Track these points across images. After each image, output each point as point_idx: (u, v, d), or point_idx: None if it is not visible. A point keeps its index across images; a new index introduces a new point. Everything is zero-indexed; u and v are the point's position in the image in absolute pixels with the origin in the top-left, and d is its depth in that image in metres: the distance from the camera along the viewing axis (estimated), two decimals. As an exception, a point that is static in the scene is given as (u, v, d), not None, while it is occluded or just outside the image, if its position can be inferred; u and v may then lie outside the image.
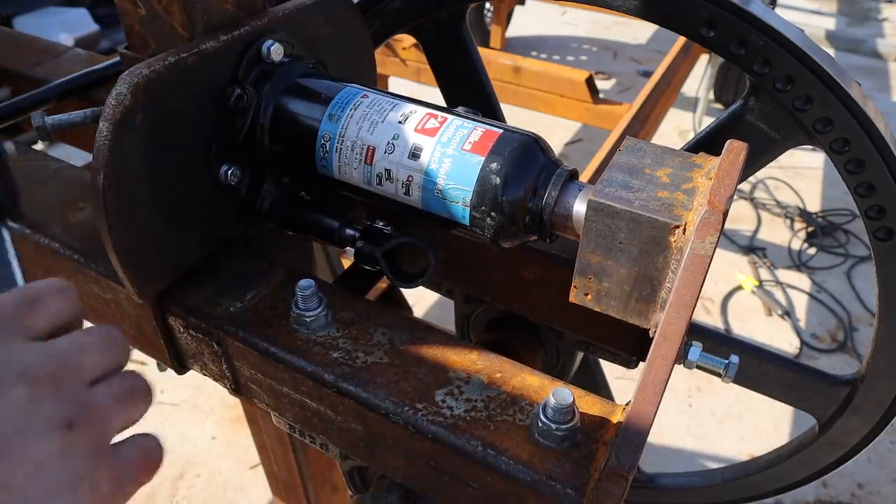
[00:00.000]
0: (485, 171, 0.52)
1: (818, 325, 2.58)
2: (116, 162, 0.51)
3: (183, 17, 0.57)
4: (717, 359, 0.55)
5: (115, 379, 0.40)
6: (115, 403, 0.39)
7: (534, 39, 5.02)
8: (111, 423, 0.39)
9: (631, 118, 2.10)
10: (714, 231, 0.44)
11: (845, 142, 0.64)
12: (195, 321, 0.61)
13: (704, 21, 0.65)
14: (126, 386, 0.41)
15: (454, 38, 0.84)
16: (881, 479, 2.05)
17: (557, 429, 0.51)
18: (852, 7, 5.94)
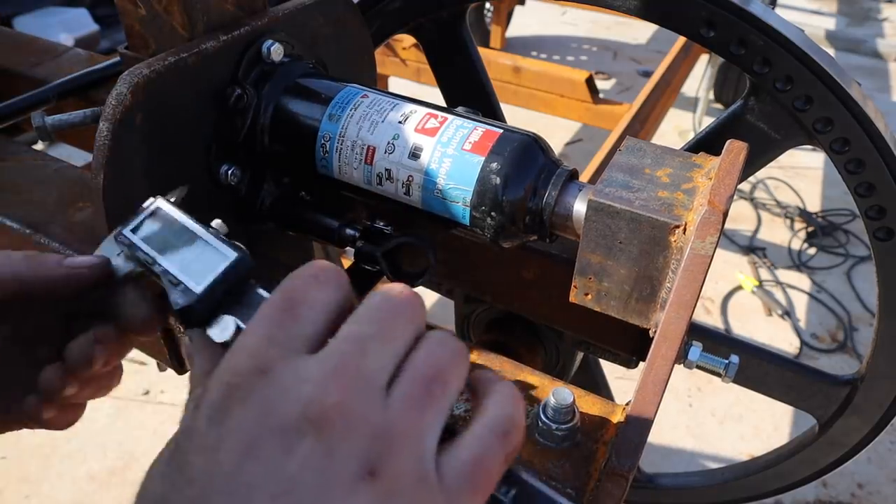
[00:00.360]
0: (485, 170, 0.52)
1: (818, 325, 2.58)
2: (116, 162, 0.51)
3: (183, 17, 0.57)
4: (717, 359, 0.55)
5: (415, 357, 0.32)
6: (421, 405, 0.31)
7: (534, 39, 5.02)
8: (422, 436, 0.30)
9: (631, 118, 2.10)
10: (714, 231, 0.44)
11: (845, 142, 0.64)
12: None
13: (704, 21, 0.65)
14: (427, 359, 0.32)
15: (454, 38, 0.84)
16: (881, 479, 2.05)
17: (557, 429, 0.51)
18: (852, 7, 5.94)
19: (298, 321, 0.33)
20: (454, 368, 0.33)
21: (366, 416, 0.30)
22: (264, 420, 0.29)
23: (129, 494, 0.30)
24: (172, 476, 0.29)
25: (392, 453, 0.29)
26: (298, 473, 0.28)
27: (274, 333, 0.32)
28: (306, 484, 0.28)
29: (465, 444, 0.32)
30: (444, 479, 0.30)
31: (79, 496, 1.89)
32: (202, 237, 0.44)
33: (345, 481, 0.28)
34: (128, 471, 1.94)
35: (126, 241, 0.46)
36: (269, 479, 0.28)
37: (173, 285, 0.42)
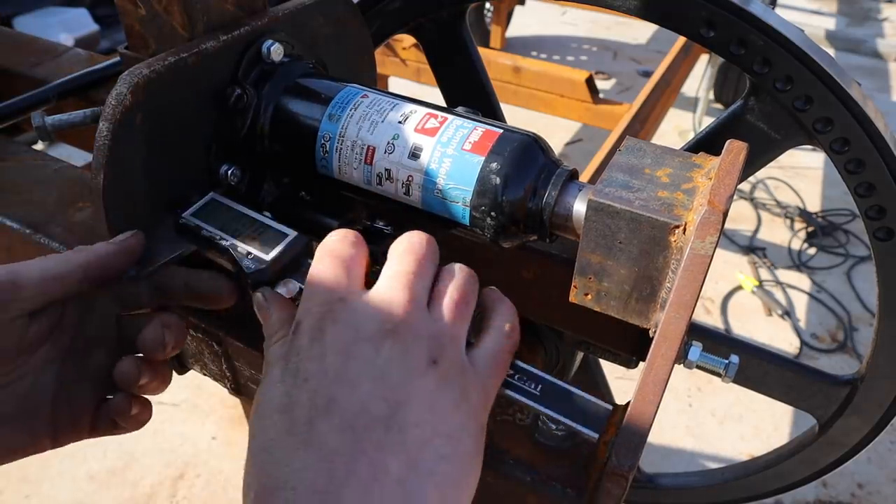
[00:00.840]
0: (485, 170, 0.52)
1: (818, 325, 2.58)
2: (116, 162, 0.51)
3: (183, 17, 0.57)
4: (717, 359, 0.55)
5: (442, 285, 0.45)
6: (454, 316, 0.44)
7: (534, 39, 5.02)
8: (459, 337, 0.44)
9: (631, 118, 2.10)
10: (714, 231, 0.44)
11: (845, 142, 0.64)
12: (195, 321, 0.61)
13: (704, 21, 0.65)
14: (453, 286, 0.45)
15: (454, 38, 0.84)
16: (881, 479, 2.05)
17: (557, 429, 0.51)
18: (852, 7, 5.94)
19: (351, 268, 0.45)
20: (471, 292, 0.46)
21: (422, 325, 0.42)
22: (355, 333, 0.41)
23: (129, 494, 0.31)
24: (289, 380, 0.40)
25: (444, 350, 0.42)
26: (387, 365, 0.40)
27: (336, 275, 0.43)
28: (394, 371, 0.40)
29: (486, 343, 0.45)
30: (475, 366, 0.44)
31: (79, 496, 1.89)
32: (261, 220, 0.55)
33: (419, 369, 0.40)
34: (128, 471, 1.94)
35: (191, 224, 0.55)
36: (367, 370, 0.39)
37: (243, 255, 0.52)
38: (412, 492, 0.37)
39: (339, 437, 0.37)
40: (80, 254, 0.50)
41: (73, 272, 0.49)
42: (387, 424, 0.38)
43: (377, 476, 0.37)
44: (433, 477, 0.38)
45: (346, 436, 0.37)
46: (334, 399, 0.39)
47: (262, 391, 0.41)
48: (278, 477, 0.37)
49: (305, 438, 0.38)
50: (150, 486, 1.91)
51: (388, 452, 0.37)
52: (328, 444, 0.37)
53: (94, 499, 1.88)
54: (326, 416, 0.38)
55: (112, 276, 0.51)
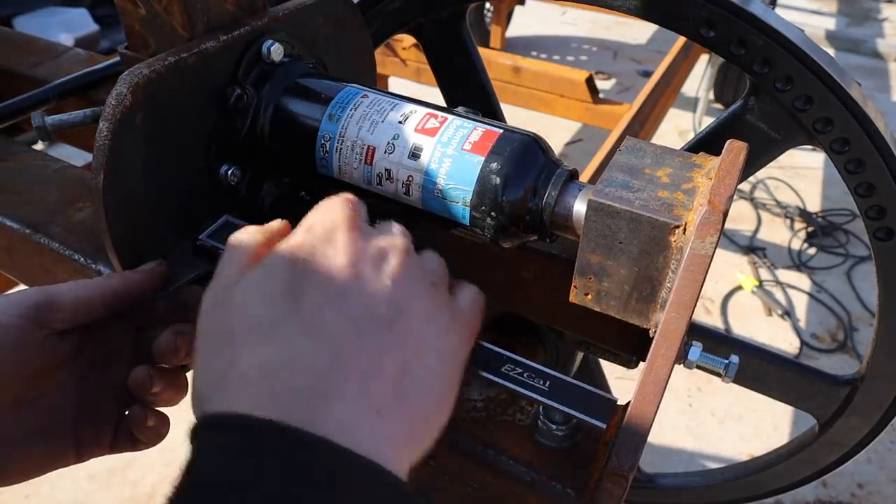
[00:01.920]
0: (485, 170, 0.52)
1: (818, 325, 2.58)
2: (116, 162, 0.51)
3: (183, 17, 0.57)
4: (717, 359, 0.55)
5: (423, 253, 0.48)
6: (439, 267, 0.47)
7: (534, 39, 5.02)
8: (446, 283, 0.47)
9: (631, 118, 2.10)
10: (714, 231, 0.44)
11: (845, 142, 0.64)
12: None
13: (704, 21, 0.65)
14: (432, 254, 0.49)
15: (454, 38, 0.84)
16: (881, 479, 2.05)
17: (557, 429, 0.51)
18: (852, 7, 5.94)
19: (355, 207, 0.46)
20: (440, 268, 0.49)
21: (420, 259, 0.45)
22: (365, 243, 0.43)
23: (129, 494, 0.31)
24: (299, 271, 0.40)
25: (439, 281, 0.46)
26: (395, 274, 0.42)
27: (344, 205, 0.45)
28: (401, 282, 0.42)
29: (463, 293, 0.48)
30: (458, 305, 0.47)
31: (79, 496, 1.89)
32: None
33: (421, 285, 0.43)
34: (128, 471, 1.94)
35: (207, 245, 0.57)
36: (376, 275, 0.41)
37: None
38: (401, 393, 0.38)
39: (345, 328, 0.38)
40: (110, 280, 0.52)
41: (103, 297, 0.51)
42: (390, 327, 0.40)
43: (376, 372, 0.38)
44: (423, 386, 0.40)
45: (352, 328, 0.38)
46: (343, 293, 0.39)
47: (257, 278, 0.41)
48: (280, 357, 0.37)
49: (311, 325, 0.38)
50: (150, 485, 1.91)
51: (387, 353, 0.39)
52: (333, 333, 0.38)
53: (95, 499, 1.88)
54: (336, 305, 0.39)
55: (137, 302, 0.53)
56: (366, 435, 0.35)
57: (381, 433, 0.36)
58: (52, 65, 1.08)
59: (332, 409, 0.35)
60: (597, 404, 0.48)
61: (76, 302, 0.50)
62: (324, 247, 0.42)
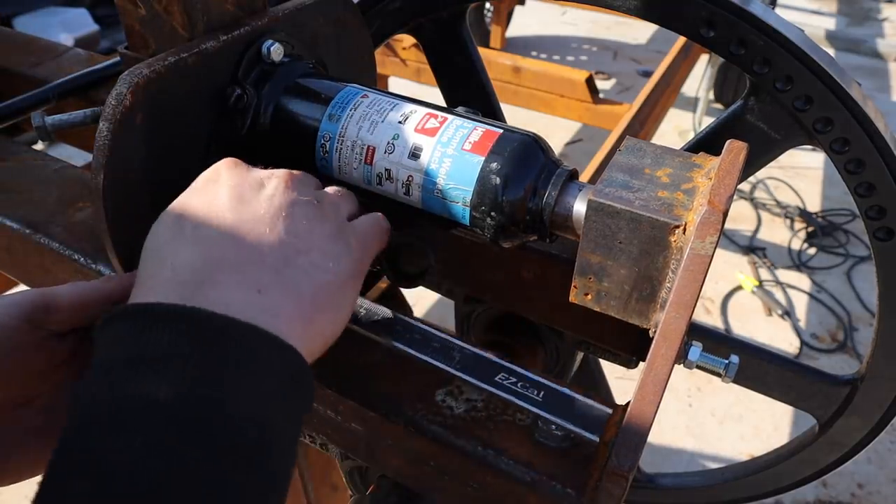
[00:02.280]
0: (485, 170, 0.52)
1: (818, 325, 2.58)
2: (116, 162, 0.51)
3: (183, 17, 0.57)
4: (717, 359, 0.55)
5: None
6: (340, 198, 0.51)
7: (534, 39, 5.02)
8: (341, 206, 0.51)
9: (631, 118, 2.10)
10: (714, 231, 0.44)
11: (845, 142, 0.64)
12: None
13: (704, 21, 0.65)
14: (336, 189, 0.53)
15: (454, 38, 0.84)
16: (881, 479, 2.05)
17: (557, 428, 0.51)
18: (852, 7, 5.94)
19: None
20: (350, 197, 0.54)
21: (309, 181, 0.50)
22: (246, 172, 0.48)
23: None
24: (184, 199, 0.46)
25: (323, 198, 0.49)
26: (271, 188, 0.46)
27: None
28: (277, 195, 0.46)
29: (362, 217, 0.52)
30: (352, 224, 0.50)
31: (79, 496, 1.88)
32: None
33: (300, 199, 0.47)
34: (128, 471, 1.94)
35: None
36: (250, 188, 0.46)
37: None
38: (282, 278, 0.42)
39: (222, 232, 0.43)
40: (110, 283, 0.52)
41: (102, 301, 0.51)
42: (269, 226, 0.44)
43: (253, 261, 0.42)
44: (306, 273, 0.43)
45: (227, 232, 0.43)
46: (223, 208, 0.44)
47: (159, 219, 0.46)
48: (159, 264, 0.42)
49: (192, 237, 0.43)
50: (150, 486, 1.91)
51: (265, 248, 0.43)
52: (208, 236, 0.43)
53: (94, 499, 1.88)
54: (214, 219, 0.44)
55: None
56: (246, 308, 0.40)
57: (262, 308, 0.40)
58: (52, 65, 1.08)
59: (209, 292, 0.40)
60: (590, 416, 0.48)
61: (74, 305, 0.50)
62: (206, 184, 0.47)
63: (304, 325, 0.42)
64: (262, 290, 0.41)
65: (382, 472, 0.64)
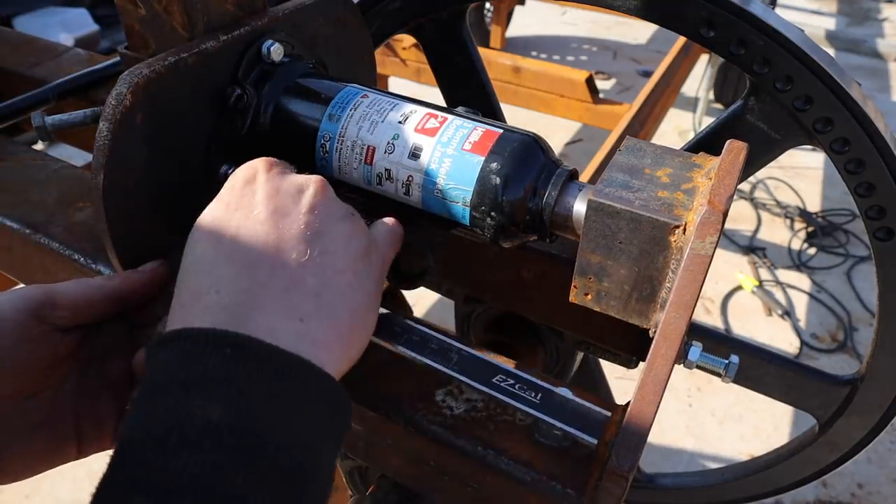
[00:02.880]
0: (485, 170, 0.52)
1: (818, 325, 2.58)
2: (116, 162, 0.51)
3: (183, 17, 0.57)
4: (717, 359, 0.55)
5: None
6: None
7: (534, 39, 5.02)
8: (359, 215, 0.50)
9: (631, 118, 2.10)
10: (714, 231, 0.44)
11: (845, 142, 0.64)
12: None
13: (704, 21, 0.65)
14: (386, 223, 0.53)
15: (454, 38, 0.84)
16: (881, 479, 2.05)
17: (557, 429, 0.51)
18: (852, 7, 5.94)
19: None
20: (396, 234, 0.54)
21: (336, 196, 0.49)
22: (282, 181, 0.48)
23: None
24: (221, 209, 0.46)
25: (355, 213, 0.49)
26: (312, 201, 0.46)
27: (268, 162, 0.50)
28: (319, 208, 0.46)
29: (379, 225, 0.52)
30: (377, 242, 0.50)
31: (79, 495, 1.89)
32: None
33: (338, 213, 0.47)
34: (128, 471, 1.94)
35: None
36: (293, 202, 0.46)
37: None
38: (326, 305, 0.43)
39: (263, 250, 0.43)
40: (112, 281, 0.53)
41: (105, 298, 0.52)
42: (308, 247, 0.44)
43: (296, 284, 0.42)
44: (345, 298, 0.44)
45: (270, 250, 0.43)
46: (261, 220, 0.44)
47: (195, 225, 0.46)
48: (202, 283, 0.42)
49: (231, 252, 0.43)
50: (150, 486, 1.91)
51: (306, 268, 0.43)
52: (252, 256, 0.43)
53: (94, 499, 1.88)
54: (253, 234, 0.43)
55: (139, 303, 0.55)
56: (289, 336, 0.41)
57: (303, 336, 0.41)
58: (51, 65, 1.08)
59: (256, 317, 0.41)
60: (588, 418, 0.48)
61: (77, 302, 0.51)
62: (243, 188, 0.47)
63: (340, 350, 0.44)
64: (303, 318, 0.42)
65: (382, 472, 0.64)
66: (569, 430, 0.47)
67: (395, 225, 0.53)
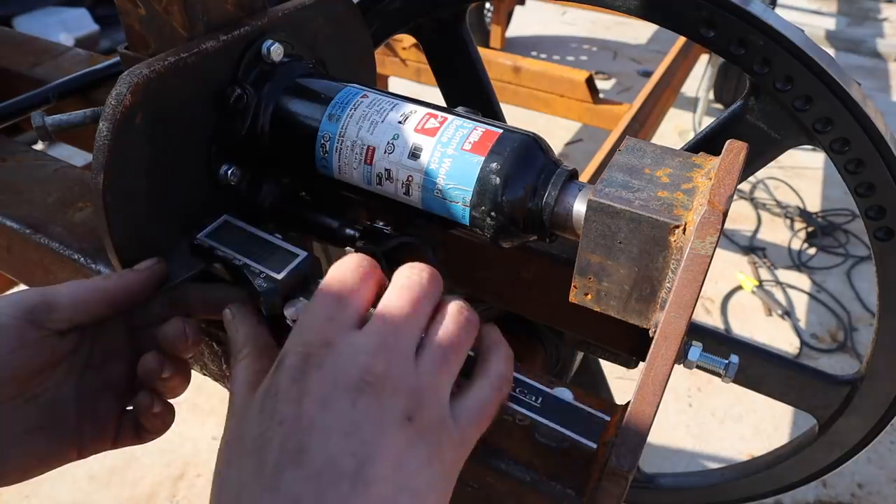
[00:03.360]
0: (485, 170, 0.52)
1: (818, 325, 2.58)
2: (116, 162, 0.51)
3: (183, 17, 0.57)
4: (717, 359, 0.55)
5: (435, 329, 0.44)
6: (440, 369, 0.43)
7: (534, 39, 5.02)
8: (442, 391, 0.43)
9: (631, 118, 2.10)
10: (714, 231, 0.44)
11: (845, 142, 0.64)
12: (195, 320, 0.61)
13: (704, 21, 0.65)
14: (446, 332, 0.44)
15: (454, 38, 0.84)
16: (881, 479, 2.05)
17: (558, 432, 0.51)
18: (852, 7, 5.94)
19: (348, 305, 0.44)
20: (465, 338, 0.45)
21: (403, 379, 0.41)
22: (335, 381, 0.40)
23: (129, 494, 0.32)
24: (266, 420, 0.40)
25: (422, 405, 0.41)
26: (361, 419, 0.39)
27: (331, 314, 0.43)
28: (367, 426, 0.39)
29: (472, 395, 0.45)
30: (457, 420, 0.43)
31: (79, 496, 1.89)
32: (273, 241, 0.56)
33: (392, 425, 0.40)
34: (128, 470, 1.94)
35: (205, 245, 0.56)
36: (341, 422, 0.39)
37: (255, 274, 0.53)
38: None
39: (304, 486, 0.38)
40: (108, 281, 0.52)
41: (102, 299, 0.51)
42: (353, 479, 0.38)
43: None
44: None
45: (311, 486, 0.38)
46: (305, 448, 0.39)
47: (237, 424, 0.42)
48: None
49: (272, 484, 0.38)
50: (150, 485, 1.91)
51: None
52: (293, 491, 0.38)
53: (94, 499, 1.88)
54: (295, 464, 0.38)
55: (136, 302, 0.54)
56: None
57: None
58: (51, 65, 1.08)
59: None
60: (588, 423, 0.48)
61: (74, 303, 0.50)
62: (290, 388, 0.41)
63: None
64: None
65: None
66: (568, 434, 0.47)
67: (491, 399, 0.45)
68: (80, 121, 0.75)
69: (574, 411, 0.48)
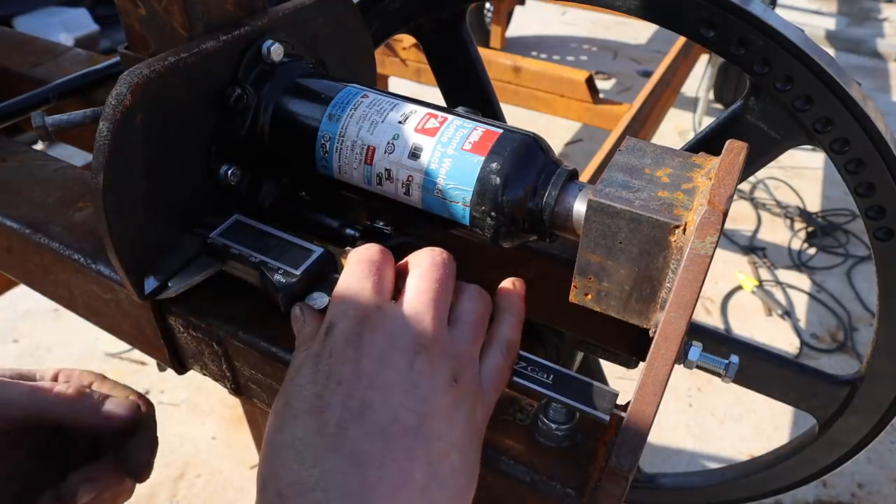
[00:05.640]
0: (485, 171, 0.52)
1: (818, 325, 2.58)
2: (116, 162, 0.51)
3: (183, 17, 0.57)
4: (717, 359, 0.55)
5: (462, 306, 0.48)
6: (473, 338, 0.47)
7: (534, 39, 5.02)
8: (476, 359, 0.47)
9: (631, 118, 2.10)
10: (714, 231, 0.44)
11: (845, 142, 0.64)
12: (195, 321, 0.61)
13: (704, 21, 0.65)
14: (472, 308, 0.48)
15: (454, 38, 0.84)
16: (881, 479, 2.05)
17: (557, 428, 0.51)
18: (852, 7, 5.94)
19: (383, 278, 0.47)
20: (486, 314, 0.50)
21: (448, 345, 0.45)
22: (392, 342, 0.43)
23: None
24: (321, 381, 0.41)
25: (463, 369, 0.45)
26: (418, 378, 0.42)
27: (372, 285, 0.46)
28: (424, 385, 0.42)
29: (490, 360, 0.48)
30: (483, 384, 0.47)
31: None
32: (286, 238, 0.57)
33: (443, 385, 0.43)
34: (128, 471, 1.94)
35: (219, 243, 0.57)
36: (400, 380, 0.41)
37: (273, 270, 0.54)
38: (432, 500, 0.40)
39: (371, 442, 0.39)
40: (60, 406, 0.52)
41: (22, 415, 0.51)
42: (416, 434, 0.40)
43: (405, 483, 0.39)
44: (448, 487, 0.41)
45: (378, 442, 0.39)
46: (368, 404, 0.40)
47: (289, 390, 0.43)
48: (308, 477, 0.38)
49: (337, 441, 0.39)
50: (149, 486, 1.91)
51: (414, 461, 0.40)
52: (360, 448, 0.39)
53: (94, 499, 1.88)
54: (359, 420, 0.40)
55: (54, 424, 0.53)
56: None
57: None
58: (52, 65, 1.08)
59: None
60: (599, 397, 0.49)
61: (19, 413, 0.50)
62: (345, 350, 0.42)
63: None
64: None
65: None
66: (581, 407, 0.48)
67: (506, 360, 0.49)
68: (80, 121, 0.75)
69: (584, 386, 0.49)
